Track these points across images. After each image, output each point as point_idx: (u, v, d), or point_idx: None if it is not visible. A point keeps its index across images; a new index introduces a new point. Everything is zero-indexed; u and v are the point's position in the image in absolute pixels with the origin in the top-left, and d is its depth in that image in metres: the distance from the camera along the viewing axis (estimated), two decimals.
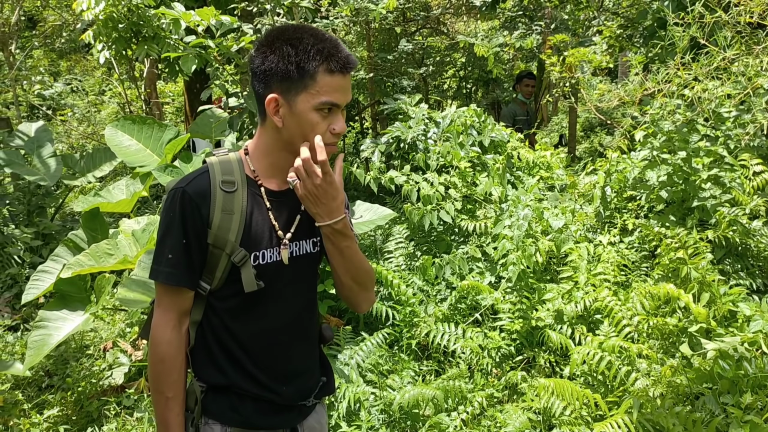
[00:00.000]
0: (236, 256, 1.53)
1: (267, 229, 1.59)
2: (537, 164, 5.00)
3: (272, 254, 1.59)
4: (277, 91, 1.49)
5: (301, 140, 1.51)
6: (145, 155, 4.61)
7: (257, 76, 1.53)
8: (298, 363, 1.71)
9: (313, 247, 1.68)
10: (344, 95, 1.51)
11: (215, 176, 1.55)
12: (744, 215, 3.71)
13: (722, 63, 3.51)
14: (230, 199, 1.53)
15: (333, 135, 1.52)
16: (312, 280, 1.74)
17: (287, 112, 1.50)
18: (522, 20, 7.52)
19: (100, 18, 5.77)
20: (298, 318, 1.69)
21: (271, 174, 1.61)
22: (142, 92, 9.24)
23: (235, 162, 1.60)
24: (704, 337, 3.08)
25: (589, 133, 12.39)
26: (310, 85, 1.46)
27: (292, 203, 1.63)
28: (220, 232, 1.52)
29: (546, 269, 4.05)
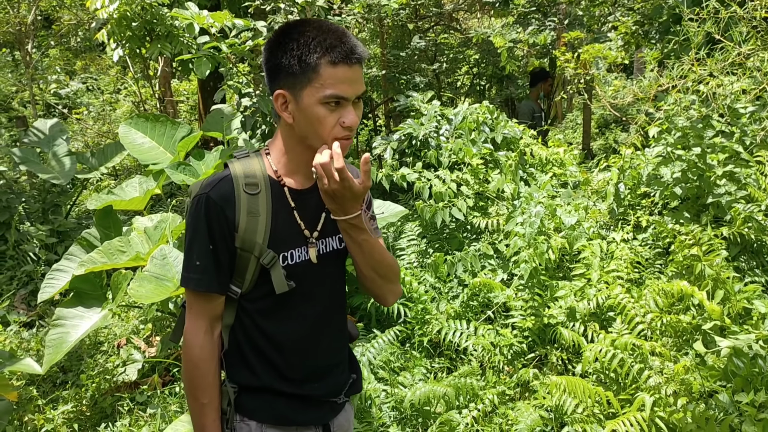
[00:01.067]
0: (265, 258, 1.53)
1: (293, 229, 1.59)
2: (550, 161, 4.97)
3: (300, 254, 1.59)
4: (284, 87, 1.49)
5: (312, 135, 1.49)
6: (159, 153, 4.64)
7: (267, 74, 1.54)
8: (330, 359, 1.72)
9: (339, 243, 1.67)
10: (352, 87, 1.47)
11: (238, 179, 1.54)
12: (760, 212, 3.66)
13: (737, 58, 3.47)
14: (255, 201, 1.53)
15: (344, 128, 1.49)
16: (340, 276, 1.74)
17: (295, 107, 1.49)
18: (535, 16, 7.47)
19: (113, 16, 5.81)
20: (328, 315, 1.69)
21: (292, 171, 1.60)
22: (156, 91, 9.29)
23: (256, 163, 1.59)
24: (718, 334, 3.04)
25: (604, 129, 12.30)
26: (314, 78, 1.44)
27: (317, 201, 1.60)
28: (247, 235, 1.52)
29: (559, 266, 4.03)
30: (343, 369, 1.78)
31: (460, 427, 3.12)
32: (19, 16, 10.17)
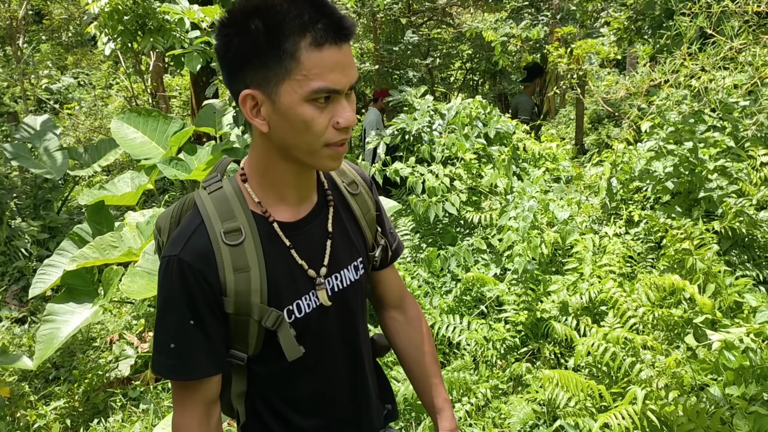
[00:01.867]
0: (267, 319, 1.20)
1: (295, 273, 1.25)
2: (543, 156, 4.98)
3: (309, 300, 1.27)
4: (252, 84, 1.10)
5: (298, 144, 1.13)
6: (151, 148, 4.62)
7: (225, 68, 1.14)
8: (360, 400, 1.45)
9: (355, 272, 1.37)
10: (344, 74, 1.09)
11: (213, 227, 1.17)
12: (751, 206, 3.68)
13: (729, 53, 3.48)
14: (240, 253, 1.17)
15: (338, 131, 1.12)
16: (361, 307, 1.44)
17: (270, 110, 1.11)
18: (528, 11, 7.48)
19: (105, 10, 5.78)
20: (352, 353, 1.41)
21: (278, 199, 1.24)
22: (148, 86, 9.25)
23: (233, 197, 1.21)
24: (709, 328, 3.06)
25: (596, 125, 12.32)
26: (294, 68, 1.05)
27: (316, 230, 1.29)
28: (240, 298, 1.18)
29: (551, 261, 4.04)
30: (376, 403, 1.52)
31: None
32: (10, 11, 10.10)
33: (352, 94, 1.15)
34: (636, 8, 6.56)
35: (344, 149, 1.17)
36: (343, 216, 1.36)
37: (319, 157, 1.15)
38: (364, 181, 1.44)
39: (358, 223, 1.40)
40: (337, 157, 1.16)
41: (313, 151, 1.13)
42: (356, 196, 1.40)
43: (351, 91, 1.14)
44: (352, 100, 1.15)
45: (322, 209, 1.32)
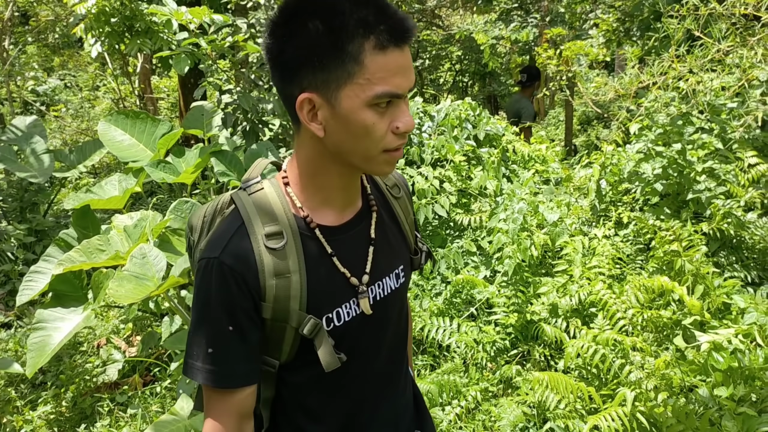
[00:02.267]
0: (305, 327, 1.15)
1: (336, 280, 1.20)
2: (532, 158, 4.99)
3: (350, 308, 1.22)
4: (310, 87, 1.06)
5: (355, 150, 1.10)
6: (138, 150, 4.58)
7: (278, 70, 1.10)
8: (389, 419, 1.38)
9: (396, 280, 1.32)
10: (406, 78, 1.06)
11: (255, 229, 1.14)
12: (739, 207, 3.70)
13: (717, 55, 3.49)
14: (282, 258, 1.13)
15: (397, 136, 1.09)
16: (402, 316, 1.39)
17: (329, 114, 1.07)
18: (518, 13, 7.49)
19: (92, 12, 5.74)
20: (390, 365, 1.36)
21: (322, 202, 1.20)
22: (136, 87, 9.20)
23: (275, 200, 1.18)
24: (698, 329, 3.07)
25: (586, 126, 12.37)
26: (357, 72, 1.02)
27: (360, 234, 1.25)
28: (279, 304, 1.13)
29: (541, 263, 4.04)
30: (406, 424, 1.44)
31: (444, 424, 3.12)
32: None
33: (407, 96, 1.11)
34: (624, 10, 6.59)
35: (400, 154, 1.13)
36: (386, 221, 1.32)
37: (376, 163, 1.12)
38: (404, 186, 1.42)
39: (401, 228, 1.36)
40: (393, 162, 1.13)
41: (371, 157, 1.11)
42: (399, 200, 1.37)
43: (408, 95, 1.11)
44: (407, 103, 1.11)
45: (366, 214, 1.28)
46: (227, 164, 4.17)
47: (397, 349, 1.38)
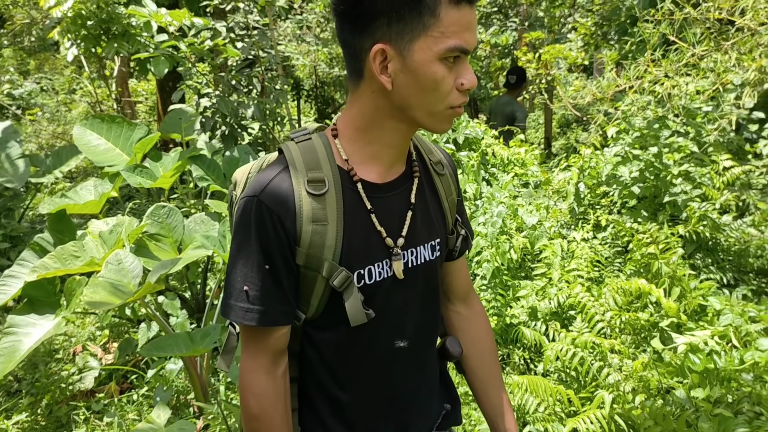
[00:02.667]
0: (336, 279, 1.16)
1: (372, 238, 1.20)
2: (511, 161, 5.00)
3: (382, 269, 1.21)
4: (384, 38, 1.07)
5: (422, 103, 1.10)
6: (115, 155, 4.54)
7: (348, 20, 1.10)
8: (415, 393, 1.37)
9: (431, 252, 1.30)
10: (474, 35, 1.09)
11: (298, 174, 1.15)
12: (714, 210, 3.74)
13: (692, 59, 3.53)
14: (321, 205, 1.14)
15: (461, 93, 1.11)
16: (434, 291, 1.36)
17: (399, 66, 1.08)
18: (497, 17, 7.52)
19: (68, 15, 5.68)
20: (417, 340, 1.33)
21: (371, 157, 1.20)
22: (113, 91, 9.11)
23: (321, 150, 1.19)
24: (675, 331, 3.10)
25: (565, 129, 12.46)
26: (432, 24, 1.03)
27: (400, 197, 1.24)
28: (313, 251, 1.14)
29: (521, 266, 4.06)
30: (432, 400, 1.43)
31: None
32: None
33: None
34: (602, 14, 6.65)
35: (461, 112, 1.14)
36: (427, 191, 1.31)
37: (439, 119, 1.13)
38: (450, 166, 1.39)
39: (440, 203, 1.34)
40: (453, 119, 1.15)
41: (436, 112, 1.11)
42: (441, 177, 1.35)
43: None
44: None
45: (408, 179, 1.27)
46: (205, 169, 4.14)
47: (427, 327, 1.36)
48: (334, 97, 8.93)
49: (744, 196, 3.93)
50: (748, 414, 2.49)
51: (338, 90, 8.77)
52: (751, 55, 3.28)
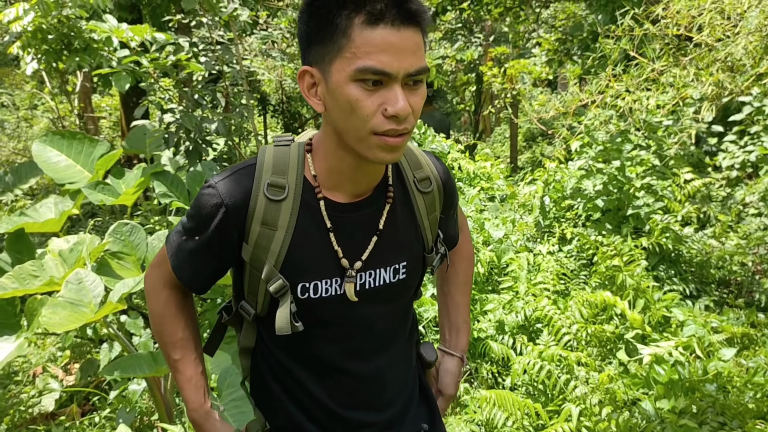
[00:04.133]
0: (273, 285, 1.16)
1: (325, 255, 1.19)
2: (477, 175, 5.03)
3: (330, 286, 1.20)
4: (314, 62, 1.08)
5: (345, 128, 1.07)
6: (75, 171, 4.44)
7: (300, 46, 1.13)
8: (380, 410, 1.33)
9: (393, 275, 1.26)
10: (398, 59, 1.01)
11: (262, 175, 1.16)
12: (676, 222, 3.80)
13: (652, 74, 3.60)
14: (275, 210, 1.15)
15: (388, 120, 1.04)
16: (398, 315, 1.33)
17: (324, 89, 1.07)
18: (462, 32, 7.60)
19: (28, 30, 5.58)
20: (376, 358, 1.30)
21: (334, 182, 1.19)
22: (75, 107, 8.96)
23: (294, 159, 1.19)
24: (640, 342, 3.13)
25: (531, 143, 12.60)
26: (344, 45, 1.01)
27: (367, 219, 1.22)
28: (257, 251, 1.16)
29: (488, 280, 4.07)
30: (401, 418, 1.38)
31: None
32: None
33: (420, 87, 1.07)
34: (565, 30, 6.76)
35: (399, 141, 1.07)
36: (400, 215, 1.27)
37: (368, 146, 1.07)
38: (441, 181, 1.33)
39: (417, 224, 1.30)
40: (389, 148, 1.07)
41: (361, 137, 1.06)
42: (425, 195, 1.30)
43: (416, 83, 1.06)
44: (416, 92, 1.06)
45: (378, 201, 1.23)
46: (169, 185, 4.08)
47: (394, 340, 1.33)
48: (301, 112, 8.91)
49: (705, 208, 4.01)
50: (712, 424, 2.52)
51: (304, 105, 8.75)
52: (708, 70, 3.35)
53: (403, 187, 1.28)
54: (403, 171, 1.30)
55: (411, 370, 1.42)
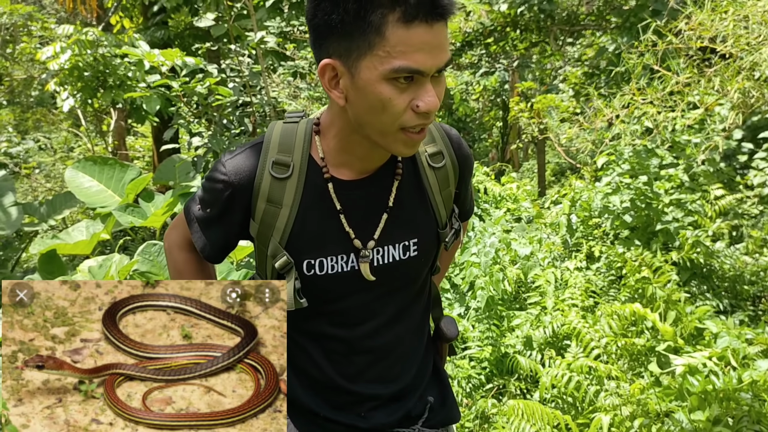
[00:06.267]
0: (278, 261, 1.17)
1: (334, 234, 1.20)
2: (504, 197, 5.02)
3: (336, 263, 1.20)
4: (335, 54, 1.05)
5: (372, 123, 1.07)
6: (107, 196, 4.55)
7: (311, 35, 1.10)
8: (388, 383, 1.33)
9: (403, 252, 1.25)
10: (431, 55, 1.01)
11: (268, 153, 1.17)
12: (707, 237, 3.73)
13: (676, 87, 3.58)
14: (280, 188, 1.16)
15: (418, 115, 1.04)
16: (407, 288, 1.31)
17: (349, 83, 1.05)
18: (486, 60, 7.68)
19: (65, 67, 5.79)
20: (388, 333, 1.30)
21: (342, 160, 1.19)
22: (109, 144, 9.21)
23: (300, 136, 1.19)
24: (672, 355, 3.04)
25: (559, 177, 12.54)
26: (377, 43, 0.99)
27: (376, 196, 1.21)
28: (263, 228, 1.18)
29: (515, 298, 4.01)
30: (411, 393, 1.37)
31: None
32: None
33: (441, 77, 1.08)
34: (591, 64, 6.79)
35: (422, 136, 1.09)
36: (409, 191, 1.26)
37: (393, 141, 1.08)
38: (455, 153, 1.31)
39: (428, 200, 1.28)
40: (411, 144, 1.09)
41: (387, 133, 1.07)
42: (437, 170, 1.28)
43: (440, 74, 1.06)
44: (440, 84, 1.08)
45: (387, 177, 1.23)
46: None
47: (407, 317, 1.32)
48: None
49: (736, 222, 3.93)
50: None
51: None
52: (734, 80, 3.32)
53: (413, 162, 1.27)
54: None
55: (422, 345, 1.40)
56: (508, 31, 7.19)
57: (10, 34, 10.85)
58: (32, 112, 12.40)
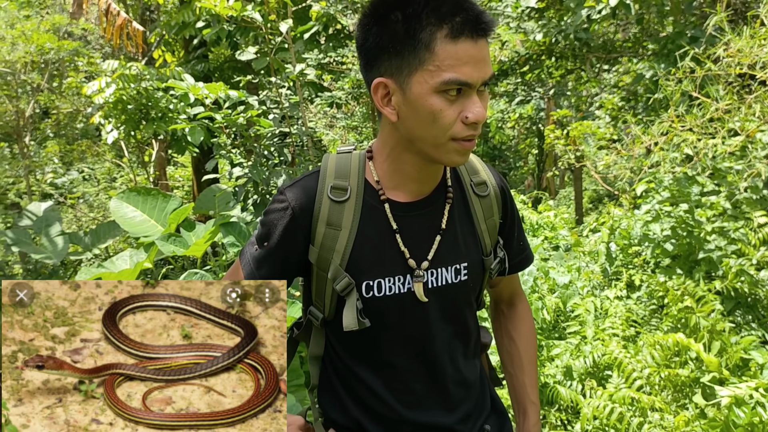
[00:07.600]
0: (339, 283, 1.21)
1: (391, 254, 1.24)
2: (541, 225, 4.99)
3: (393, 284, 1.24)
4: (386, 73, 1.13)
5: (424, 135, 1.14)
6: (150, 225, 4.65)
7: (361, 57, 1.18)
8: (447, 411, 1.34)
9: (455, 275, 1.29)
10: (477, 69, 1.09)
11: (326, 179, 1.24)
12: (751, 266, 3.65)
13: (716, 113, 3.55)
14: (338, 211, 1.22)
15: (467, 126, 1.12)
16: (458, 311, 1.34)
17: (401, 99, 1.13)
18: (522, 88, 7.69)
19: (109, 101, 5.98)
20: (441, 358, 1.31)
21: (396, 183, 1.25)
22: (151, 174, 9.43)
23: (355, 163, 1.26)
24: (717, 386, 2.97)
25: (597, 204, 12.42)
26: (427, 59, 1.07)
27: (429, 219, 1.26)
28: (323, 252, 1.22)
29: (554, 327, 3.97)
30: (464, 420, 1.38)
31: None
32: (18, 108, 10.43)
33: (485, 91, 1.15)
34: (628, 89, 6.76)
35: (472, 145, 1.15)
36: (459, 216, 1.31)
37: (445, 151, 1.15)
38: (498, 187, 1.38)
39: (474, 227, 1.33)
40: (464, 152, 1.16)
41: (439, 144, 1.14)
42: (482, 198, 1.34)
43: (485, 87, 1.14)
44: (484, 97, 1.15)
45: (439, 200, 1.29)
46: (237, 236, 4.21)
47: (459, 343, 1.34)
48: None
49: None
50: None
51: None
52: None
53: (461, 189, 1.33)
54: (460, 174, 1.35)
55: (477, 371, 1.42)
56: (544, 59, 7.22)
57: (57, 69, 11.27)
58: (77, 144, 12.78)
